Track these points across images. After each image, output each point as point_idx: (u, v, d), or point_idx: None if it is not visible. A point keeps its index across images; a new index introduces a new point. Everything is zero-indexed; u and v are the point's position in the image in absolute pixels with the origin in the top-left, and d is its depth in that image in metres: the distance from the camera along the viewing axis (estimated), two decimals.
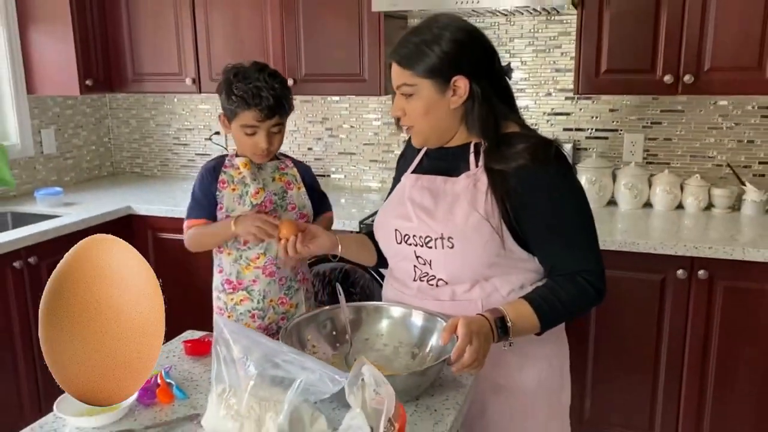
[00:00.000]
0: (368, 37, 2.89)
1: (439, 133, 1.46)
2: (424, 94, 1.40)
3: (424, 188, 1.47)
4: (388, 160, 3.35)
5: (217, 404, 1.19)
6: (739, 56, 2.43)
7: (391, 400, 0.98)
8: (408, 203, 1.48)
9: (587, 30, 2.59)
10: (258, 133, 1.72)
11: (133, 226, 3.15)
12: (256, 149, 1.75)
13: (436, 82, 1.39)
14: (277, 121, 1.73)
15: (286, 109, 1.75)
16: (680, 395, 2.48)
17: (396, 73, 1.43)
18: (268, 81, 1.71)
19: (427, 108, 1.41)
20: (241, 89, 1.69)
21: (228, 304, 1.85)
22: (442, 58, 1.38)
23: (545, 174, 1.38)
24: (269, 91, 1.69)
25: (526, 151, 1.38)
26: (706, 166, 2.87)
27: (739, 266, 2.30)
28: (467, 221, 1.39)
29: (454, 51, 1.38)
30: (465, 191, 1.42)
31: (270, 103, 1.69)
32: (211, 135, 3.64)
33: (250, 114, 1.70)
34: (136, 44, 3.29)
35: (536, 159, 1.37)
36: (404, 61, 1.41)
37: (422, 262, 1.46)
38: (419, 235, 1.45)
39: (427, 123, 1.43)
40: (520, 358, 1.47)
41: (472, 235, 1.38)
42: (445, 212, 1.42)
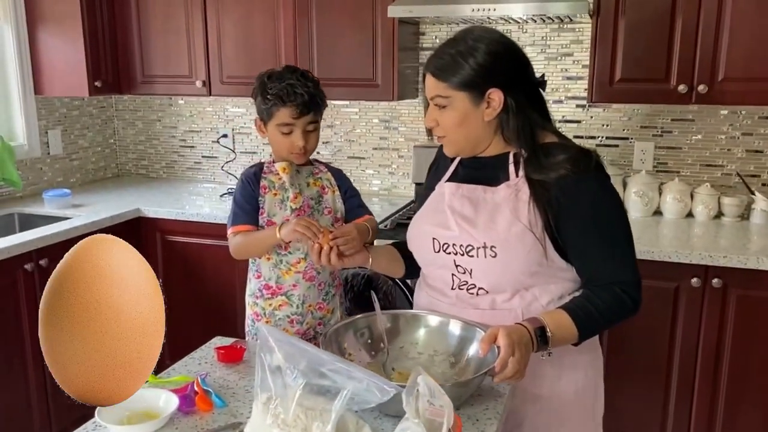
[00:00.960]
0: (382, 42, 2.89)
1: (473, 144, 1.47)
2: (458, 106, 1.41)
3: (464, 197, 1.48)
4: (398, 165, 3.36)
5: (262, 413, 1.18)
6: (753, 67, 2.46)
7: (450, 411, 0.98)
8: (448, 212, 1.48)
9: (602, 38, 2.61)
10: (294, 131, 1.74)
11: (141, 229, 3.13)
12: (293, 148, 1.76)
13: (471, 94, 1.40)
14: (312, 118, 1.75)
15: (321, 105, 1.77)
16: (692, 403, 2.50)
17: (430, 85, 1.44)
18: (301, 79, 1.74)
19: (461, 120, 1.42)
20: (275, 88, 1.72)
21: (266, 309, 1.85)
22: (477, 71, 1.39)
23: (586, 184, 1.39)
24: (303, 88, 1.72)
25: (567, 162, 1.39)
26: (716, 175, 2.90)
27: (753, 275, 2.32)
28: (510, 230, 1.39)
29: (488, 64, 1.39)
30: (506, 201, 1.42)
31: (305, 99, 1.72)
32: (219, 138, 3.64)
33: (286, 111, 1.72)
34: (146, 46, 3.28)
35: (577, 169, 1.38)
36: (439, 73, 1.41)
37: (462, 271, 1.46)
38: (460, 244, 1.45)
39: (460, 134, 1.44)
40: (557, 368, 1.47)
41: (516, 244, 1.39)
42: (487, 221, 1.42)
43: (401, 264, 1.68)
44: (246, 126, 3.60)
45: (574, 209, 1.39)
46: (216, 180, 3.72)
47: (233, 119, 3.62)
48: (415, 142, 3.28)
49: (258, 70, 3.05)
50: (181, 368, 1.50)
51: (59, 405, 2.77)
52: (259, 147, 3.60)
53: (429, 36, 3.17)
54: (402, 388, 1.13)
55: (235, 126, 3.62)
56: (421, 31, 3.18)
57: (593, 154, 1.42)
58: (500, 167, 1.46)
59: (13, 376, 2.57)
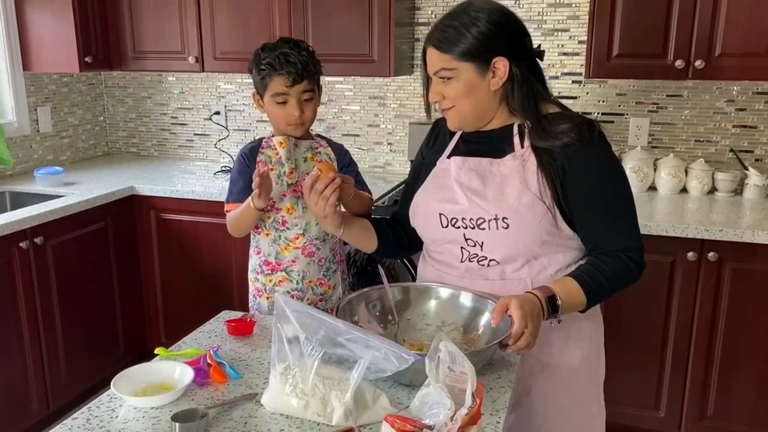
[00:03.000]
0: (378, 18, 2.87)
1: (479, 115, 1.46)
2: (464, 77, 1.40)
3: (471, 170, 1.47)
4: (393, 142, 3.35)
5: (280, 383, 1.19)
6: (750, 42, 2.47)
7: (473, 375, 0.99)
8: (456, 186, 1.47)
9: (600, 14, 2.61)
10: (289, 101, 1.72)
11: (135, 207, 3.10)
12: (289, 119, 1.74)
13: (476, 64, 1.39)
14: (307, 86, 1.73)
15: (315, 73, 1.75)
16: (686, 374, 2.54)
17: (433, 58, 1.42)
18: (294, 48, 1.73)
19: (467, 90, 1.41)
20: (268, 58, 1.71)
21: (266, 285, 1.85)
22: (481, 40, 1.38)
23: (591, 152, 1.40)
24: (297, 57, 1.71)
25: (572, 131, 1.39)
26: (710, 151, 2.92)
27: (747, 248, 2.36)
28: (521, 200, 1.40)
29: (491, 33, 1.38)
30: (513, 172, 1.43)
31: (297, 67, 1.70)
32: (211, 115, 3.60)
33: (279, 80, 1.70)
34: (137, 21, 3.22)
35: (582, 138, 1.39)
36: (442, 45, 1.40)
37: (472, 244, 1.46)
38: (470, 218, 1.45)
39: (467, 104, 1.43)
40: (564, 336, 1.49)
41: (527, 214, 1.40)
42: (496, 193, 1.43)
43: (373, 239, 1.63)
44: (239, 103, 3.56)
45: (580, 177, 1.40)
46: (208, 158, 3.69)
47: (225, 96, 3.58)
48: (410, 119, 3.27)
49: (252, 46, 3.00)
50: (192, 341, 1.49)
51: (56, 383, 2.77)
52: (252, 124, 3.57)
53: (424, 11, 3.15)
54: (421, 357, 1.14)
55: (228, 103, 3.58)
56: (417, 6, 3.16)
57: (596, 123, 1.43)
58: (505, 139, 1.46)
59: (10, 354, 2.55)
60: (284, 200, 1.80)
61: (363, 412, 1.17)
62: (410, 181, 1.69)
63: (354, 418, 1.15)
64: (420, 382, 1.25)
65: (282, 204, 1.80)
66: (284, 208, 1.80)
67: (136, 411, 1.20)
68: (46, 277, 2.67)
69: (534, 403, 1.51)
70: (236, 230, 1.83)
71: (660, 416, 2.60)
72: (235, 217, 1.79)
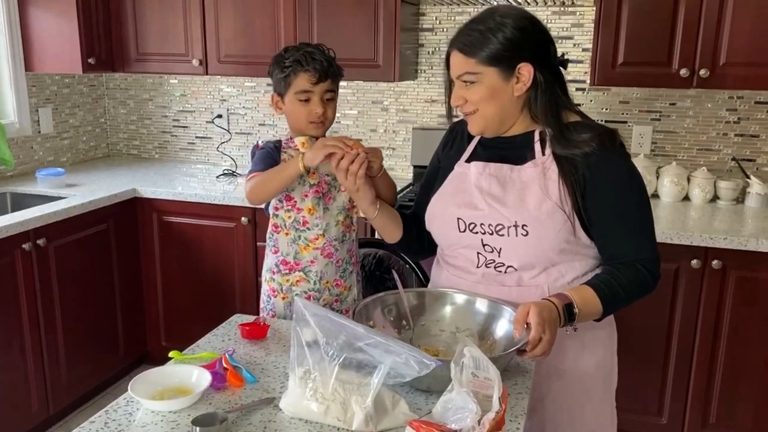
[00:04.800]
0: (384, 22, 2.87)
1: (501, 120, 1.46)
2: (488, 82, 1.41)
3: (492, 176, 1.47)
4: (396, 147, 3.35)
5: (299, 387, 1.19)
6: (754, 52, 2.49)
7: (499, 380, 0.99)
8: (476, 191, 1.47)
9: (605, 22, 2.63)
10: (312, 98, 1.73)
11: (138, 209, 3.09)
12: (311, 116, 1.74)
13: (501, 69, 1.40)
14: (330, 85, 1.74)
15: (338, 74, 1.76)
16: (689, 381, 2.55)
17: (458, 62, 1.43)
18: (318, 48, 1.76)
19: (490, 95, 1.42)
20: (293, 56, 1.72)
21: (283, 285, 1.84)
22: (506, 45, 1.39)
23: (612, 162, 1.41)
24: (321, 55, 1.73)
25: (593, 140, 1.40)
26: (712, 159, 2.94)
27: (752, 257, 2.37)
28: (541, 208, 1.40)
29: (517, 38, 1.39)
30: (534, 179, 1.43)
31: (324, 65, 1.72)
32: (214, 118, 3.59)
33: (305, 76, 1.71)
34: (141, 23, 3.21)
35: (604, 147, 1.40)
36: (468, 49, 1.41)
37: (489, 250, 1.46)
38: (489, 223, 1.45)
39: (490, 109, 1.43)
40: (579, 343, 1.49)
41: (547, 221, 1.40)
42: (516, 200, 1.43)
43: (400, 229, 1.65)
44: (241, 106, 3.56)
45: (601, 186, 1.40)
46: (210, 161, 3.68)
47: (228, 99, 3.58)
48: (413, 124, 3.28)
49: (257, 50, 3.08)
50: (206, 345, 1.48)
51: (57, 386, 2.74)
52: (254, 128, 3.57)
53: (429, 17, 3.16)
54: (441, 362, 1.14)
55: (230, 106, 3.58)
56: (422, 12, 3.17)
57: (617, 134, 1.43)
58: (525, 146, 1.47)
59: (11, 357, 2.53)
60: (306, 201, 1.79)
61: (383, 417, 1.17)
62: (425, 183, 1.69)
63: (374, 423, 1.15)
64: (437, 388, 1.26)
65: (304, 204, 1.80)
66: (306, 208, 1.80)
67: (153, 414, 1.20)
68: (47, 279, 2.66)
69: (548, 410, 1.51)
70: (260, 192, 1.72)
71: (663, 423, 2.61)
72: (267, 177, 1.69)
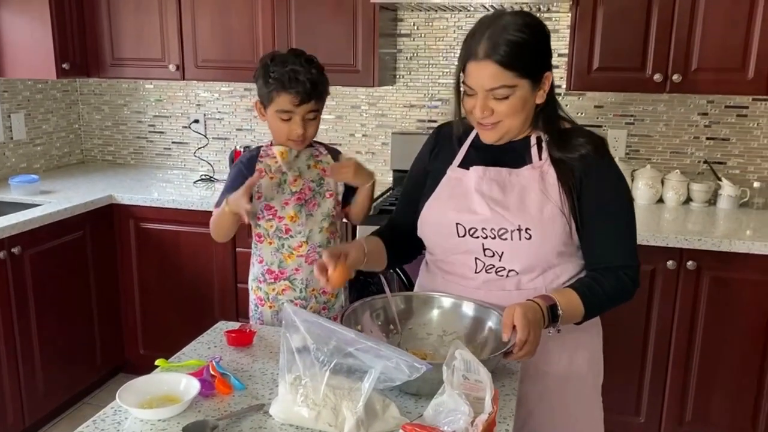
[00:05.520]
0: (362, 28, 2.88)
1: (522, 128, 1.46)
2: (520, 94, 1.39)
3: (492, 180, 1.48)
4: (374, 152, 3.36)
5: (290, 393, 1.19)
6: (724, 58, 2.56)
7: (490, 382, 1.00)
8: (476, 196, 1.47)
9: (581, 27, 2.67)
10: (293, 118, 1.72)
11: (114, 216, 3.05)
12: (291, 135, 1.74)
13: (532, 80, 1.39)
14: (313, 107, 1.74)
15: (322, 94, 1.75)
16: (666, 381, 2.60)
17: (493, 74, 1.36)
18: (304, 65, 1.71)
19: (522, 106, 1.41)
20: (278, 72, 1.69)
21: (269, 294, 1.84)
22: (538, 57, 1.40)
23: (605, 168, 1.45)
24: (306, 75, 1.70)
25: (587, 145, 1.43)
26: (685, 162, 3.01)
27: (725, 257, 2.43)
28: (542, 212, 1.42)
29: (544, 47, 1.41)
30: (532, 182, 1.45)
31: (306, 87, 1.69)
32: (190, 123, 3.57)
33: (287, 98, 1.69)
34: (116, 27, 3.18)
35: (598, 151, 1.44)
36: (507, 61, 1.35)
37: (490, 255, 1.47)
38: (491, 228, 1.45)
39: (518, 120, 1.43)
40: (573, 344, 1.52)
41: (549, 225, 1.42)
42: (517, 203, 1.44)
43: (385, 258, 1.62)
44: (218, 111, 3.54)
45: (595, 191, 1.43)
46: (187, 166, 3.65)
47: (204, 104, 3.55)
48: (392, 129, 3.29)
49: (235, 54, 3.07)
50: (191, 353, 1.47)
51: (33, 397, 2.69)
52: (232, 132, 3.55)
53: (407, 22, 3.18)
54: (431, 366, 1.15)
55: (207, 111, 3.55)
56: (399, 18, 3.19)
57: (606, 141, 1.47)
58: (522, 150, 1.48)
59: None
60: (287, 208, 1.80)
61: (373, 421, 1.17)
62: (410, 189, 1.67)
63: (365, 427, 1.15)
64: (426, 391, 1.27)
65: (284, 212, 1.80)
66: (287, 216, 1.80)
67: (142, 423, 1.18)
68: (23, 288, 2.61)
69: (545, 413, 1.53)
70: (215, 234, 1.85)
71: (641, 422, 2.66)
72: (213, 220, 1.81)
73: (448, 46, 3.16)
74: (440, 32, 3.15)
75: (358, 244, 1.53)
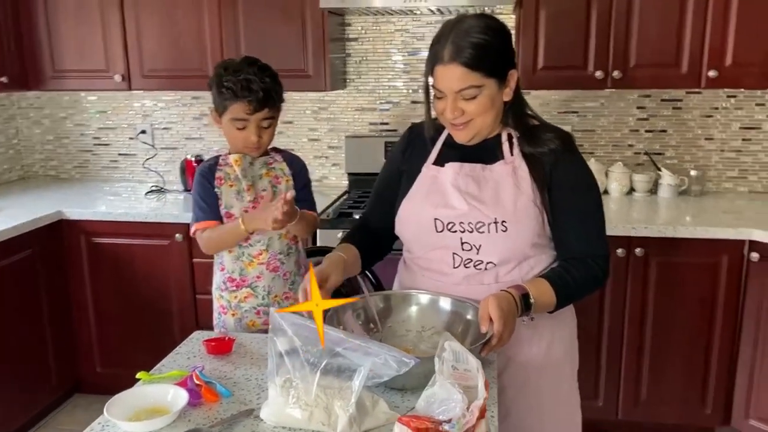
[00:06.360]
0: (312, 33, 2.90)
1: (493, 125, 1.52)
2: (488, 93, 1.44)
3: (468, 176, 1.53)
4: (329, 156, 3.38)
5: (281, 396, 1.20)
6: (659, 54, 2.70)
7: (480, 369, 1.05)
8: (454, 191, 1.51)
9: (525, 29, 2.77)
10: (248, 126, 1.74)
11: (64, 232, 2.96)
12: (246, 143, 1.76)
13: (498, 79, 1.45)
14: (267, 114, 1.75)
15: (276, 101, 1.77)
16: (621, 364, 2.72)
17: (460, 76, 1.42)
18: (258, 74, 1.73)
19: (490, 105, 1.46)
20: (231, 81, 1.71)
21: (231, 302, 1.83)
22: (503, 55, 1.45)
23: (574, 162, 1.52)
24: (259, 84, 1.71)
25: (555, 140, 1.50)
26: (627, 155, 3.15)
27: (670, 243, 2.56)
28: (516, 204, 1.48)
29: (507, 46, 1.47)
30: (505, 176, 1.50)
31: (259, 95, 1.71)
32: (138, 134, 3.50)
33: (240, 106, 1.71)
34: (56, 39, 3.09)
35: (566, 145, 1.51)
36: (472, 62, 1.40)
37: (468, 248, 1.51)
38: (468, 222, 1.49)
39: (488, 118, 1.48)
40: (549, 333, 1.58)
41: (523, 217, 1.48)
42: (493, 197, 1.49)
43: (360, 264, 1.63)
44: (165, 121, 3.48)
45: (564, 183, 1.50)
46: (135, 178, 3.58)
47: (151, 114, 3.49)
48: (345, 133, 3.32)
49: (183, 63, 3.03)
50: (171, 364, 1.47)
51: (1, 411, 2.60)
52: (180, 142, 3.50)
53: (355, 27, 3.22)
54: (419, 360, 1.18)
55: (154, 121, 3.49)
56: (347, 22, 3.22)
57: (572, 136, 1.54)
58: (494, 147, 1.54)
59: None
60: None
61: (365, 418, 1.20)
62: (383, 189, 1.71)
63: (358, 424, 1.18)
64: (412, 385, 1.31)
65: None
66: None
67: None
68: None
69: (529, 403, 1.58)
70: (215, 249, 1.84)
71: (599, 405, 2.76)
72: (218, 237, 1.79)
73: (396, 49, 3.21)
74: (388, 36, 3.20)
75: (338, 261, 1.52)
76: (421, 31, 3.17)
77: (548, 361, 1.59)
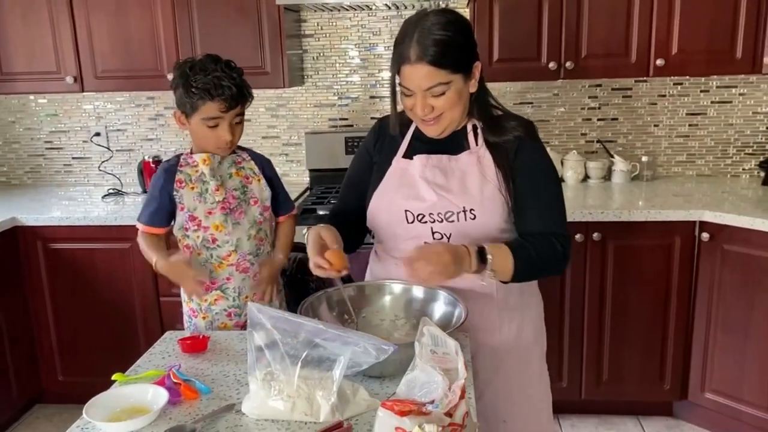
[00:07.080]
0: (268, 30, 2.90)
1: (461, 118, 1.56)
2: (455, 87, 1.48)
3: (435, 167, 1.57)
4: (288, 153, 3.38)
5: (262, 389, 1.21)
6: (609, 44, 2.79)
7: (460, 351, 1.08)
8: (422, 183, 1.55)
9: (479, 21, 2.82)
10: (221, 125, 1.71)
11: (19, 239, 2.89)
12: (219, 142, 1.74)
13: (464, 73, 1.49)
14: (239, 110, 1.74)
15: (247, 97, 1.76)
16: (582, 345, 2.81)
17: (428, 74, 1.44)
18: (226, 71, 1.71)
19: (458, 99, 1.50)
20: (201, 81, 1.67)
21: (202, 305, 1.82)
22: (466, 51, 1.49)
23: (536, 149, 1.56)
24: (230, 81, 1.70)
25: (519, 128, 1.55)
26: (581, 143, 3.25)
27: (625, 227, 2.66)
28: (483, 192, 1.52)
29: (470, 41, 1.51)
30: (471, 165, 1.55)
31: (233, 92, 1.69)
32: (92, 137, 3.43)
33: (214, 105, 1.69)
34: (3, 41, 3.01)
35: (528, 133, 1.56)
36: (439, 60, 1.43)
37: (439, 237, 1.55)
38: (438, 212, 1.54)
39: (456, 112, 1.52)
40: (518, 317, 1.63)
41: (490, 204, 1.52)
42: (460, 186, 1.54)
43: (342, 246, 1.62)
44: (120, 122, 3.42)
45: (526, 169, 1.54)
46: (90, 182, 3.51)
47: (105, 116, 3.43)
48: (305, 129, 3.32)
49: (136, 63, 3.00)
50: (147, 364, 1.46)
51: None
52: (136, 143, 3.45)
53: (310, 23, 3.22)
54: (397, 347, 1.21)
55: (108, 123, 3.43)
56: (303, 18, 3.22)
57: (534, 125, 1.59)
58: (460, 138, 1.58)
59: None
60: (211, 218, 1.78)
61: (346, 406, 1.22)
62: (355, 180, 1.73)
63: (340, 412, 1.20)
64: (389, 372, 1.33)
65: (209, 222, 1.77)
66: (212, 225, 1.78)
67: None
68: None
69: (501, 387, 1.63)
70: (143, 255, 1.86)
71: (563, 386, 2.85)
72: (144, 251, 1.83)
73: (353, 44, 3.23)
74: (344, 31, 3.22)
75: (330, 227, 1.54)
76: (377, 26, 3.19)
77: (518, 344, 1.64)
